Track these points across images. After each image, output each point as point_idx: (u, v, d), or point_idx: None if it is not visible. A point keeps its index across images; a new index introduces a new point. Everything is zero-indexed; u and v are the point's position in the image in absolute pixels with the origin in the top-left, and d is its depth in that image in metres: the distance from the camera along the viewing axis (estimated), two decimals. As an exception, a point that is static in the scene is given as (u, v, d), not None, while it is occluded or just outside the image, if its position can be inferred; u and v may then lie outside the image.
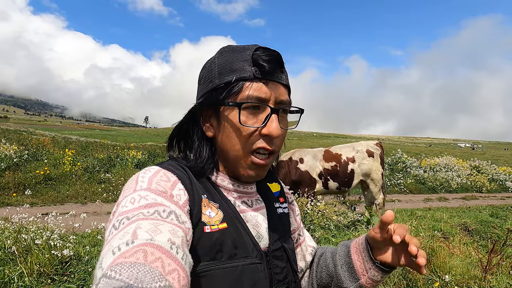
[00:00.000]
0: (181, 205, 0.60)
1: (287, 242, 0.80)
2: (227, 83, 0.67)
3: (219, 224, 0.65)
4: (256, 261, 0.67)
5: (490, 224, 5.93)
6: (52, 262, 3.14)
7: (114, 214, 0.56)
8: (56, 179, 8.33)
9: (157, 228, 0.50)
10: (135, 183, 0.61)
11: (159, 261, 0.45)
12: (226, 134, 0.70)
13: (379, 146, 6.10)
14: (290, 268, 0.77)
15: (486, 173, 14.15)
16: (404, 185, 11.05)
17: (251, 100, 0.66)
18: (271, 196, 0.84)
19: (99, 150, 12.48)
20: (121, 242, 0.47)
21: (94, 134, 49.52)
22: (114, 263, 0.43)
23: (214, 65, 0.70)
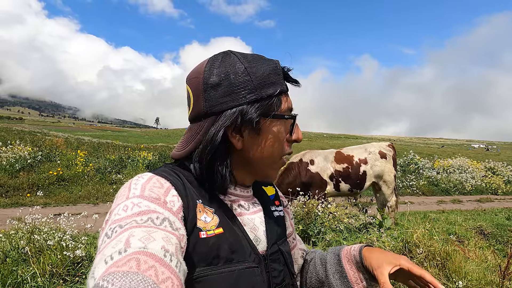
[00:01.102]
0: (175, 211, 0.59)
1: (283, 245, 0.80)
2: (270, 95, 0.68)
3: (215, 229, 0.64)
4: (253, 265, 0.67)
5: (507, 227, 5.77)
6: (64, 262, 3.16)
7: (107, 222, 0.55)
8: (68, 179, 8.45)
9: (150, 235, 0.50)
10: (128, 190, 0.60)
11: (153, 269, 0.44)
12: (267, 144, 0.70)
13: (392, 147, 6.01)
14: (288, 271, 0.77)
15: (502, 174, 13.82)
16: (416, 187, 10.87)
17: (288, 112, 0.72)
18: (267, 199, 0.85)
19: (111, 151, 12.63)
20: (114, 251, 0.46)
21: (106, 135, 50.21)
22: (107, 272, 0.43)
23: (248, 75, 0.67)
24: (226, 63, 0.68)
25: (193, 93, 0.70)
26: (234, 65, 0.67)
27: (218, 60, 0.69)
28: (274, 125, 0.70)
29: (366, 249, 0.82)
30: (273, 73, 0.68)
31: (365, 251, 0.81)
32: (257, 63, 0.68)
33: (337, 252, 0.86)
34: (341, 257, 0.84)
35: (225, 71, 0.67)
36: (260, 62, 0.69)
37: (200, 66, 0.71)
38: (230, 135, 0.68)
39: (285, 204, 0.94)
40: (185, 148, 0.72)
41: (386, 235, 4.25)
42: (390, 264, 0.74)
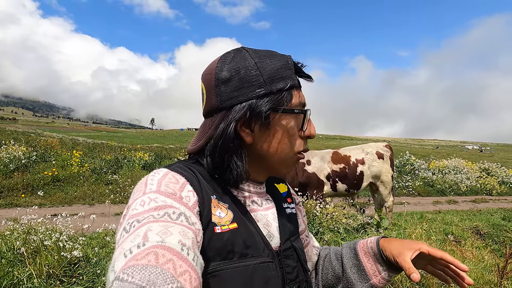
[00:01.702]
0: (191, 206, 0.60)
1: (296, 242, 0.80)
2: (280, 89, 0.67)
3: (229, 224, 0.65)
4: (268, 260, 0.67)
5: (503, 227, 5.82)
6: (61, 263, 3.13)
7: (125, 217, 0.57)
8: (64, 180, 8.37)
9: (167, 230, 0.51)
10: (145, 186, 0.62)
11: (171, 263, 0.46)
12: (278, 139, 0.70)
13: (389, 148, 6.03)
14: (301, 268, 0.77)
15: (496, 175, 13.94)
16: (412, 188, 10.92)
17: (300, 107, 0.71)
18: (279, 196, 0.85)
19: (106, 152, 12.55)
20: (133, 245, 0.47)
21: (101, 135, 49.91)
22: (126, 265, 0.44)
23: (258, 70, 0.67)
24: (237, 58, 0.69)
25: (206, 89, 0.72)
26: (244, 60, 0.68)
27: (230, 56, 0.70)
28: (284, 120, 0.69)
29: (383, 240, 0.82)
30: (284, 68, 0.68)
31: (383, 242, 0.81)
32: (267, 58, 0.69)
33: (353, 246, 0.87)
34: (358, 250, 0.84)
35: (235, 67, 0.68)
36: (271, 57, 0.69)
37: (213, 63, 0.72)
38: (240, 129, 0.68)
39: (297, 202, 0.94)
40: (198, 143, 0.73)
41: (384, 236, 4.27)
42: (410, 250, 0.73)
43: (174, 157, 12.00)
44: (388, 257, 0.77)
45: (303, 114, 0.71)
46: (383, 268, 0.79)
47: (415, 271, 0.68)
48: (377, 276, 0.79)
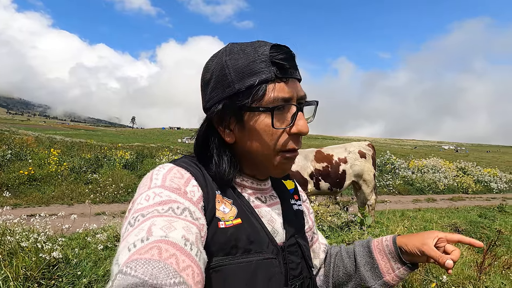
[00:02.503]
0: (195, 201, 0.61)
1: (301, 239, 0.79)
2: (249, 87, 0.64)
3: (233, 219, 0.65)
4: (271, 256, 0.67)
5: (479, 224, 6.02)
6: (39, 265, 3.01)
7: (130, 212, 0.57)
8: (41, 179, 8.09)
9: (171, 225, 0.51)
10: (150, 181, 0.62)
11: (174, 257, 0.46)
12: (255, 138, 0.68)
13: (371, 147, 6.12)
14: (305, 264, 0.77)
15: (472, 174, 14.44)
16: (393, 186, 11.16)
17: (278, 102, 0.65)
18: (286, 193, 0.85)
19: (86, 150, 12.21)
20: (137, 239, 0.48)
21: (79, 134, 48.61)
22: (130, 259, 0.44)
23: (228, 68, 0.65)
24: (217, 58, 0.68)
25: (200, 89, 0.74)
26: (220, 59, 0.68)
27: (214, 56, 0.70)
28: (257, 118, 0.66)
29: (400, 237, 0.82)
30: (257, 61, 0.64)
31: (401, 239, 0.81)
32: (240, 53, 0.66)
33: (366, 245, 0.87)
34: (372, 249, 0.84)
35: (213, 67, 0.68)
36: (244, 51, 0.66)
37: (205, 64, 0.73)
38: (218, 129, 0.70)
39: (304, 199, 0.93)
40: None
41: (368, 233, 4.32)
42: (430, 238, 0.75)
43: (157, 156, 11.79)
44: (411, 251, 0.77)
45: (271, 111, 0.64)
46: (397, 266, 0.80)
47: (448, 257, 0.69)
48: (391, 274, 0.80)
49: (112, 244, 3.97)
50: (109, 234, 4.15)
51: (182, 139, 61.95)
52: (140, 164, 10.38)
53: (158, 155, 12.14)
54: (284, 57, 0.65)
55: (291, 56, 0.67)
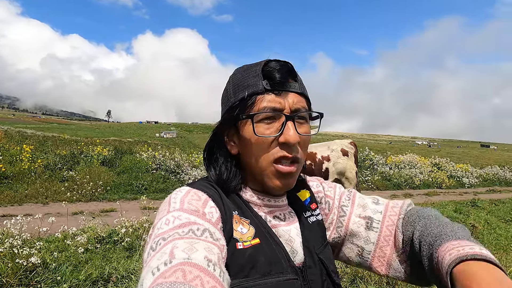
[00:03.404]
0: (214, 222, 0.61)
1: (323, 253, 0.75)
2: (241, 99, 0.68)
3: (251, 240, 0.65)
4: (292, 277, 0.65)
5: (455, 219, 6.26)
6: (15, 271, 2.87)
7: (151, 237, 0.57)
8: (12, 177, 7.72)
9: (193, 246, 0.51)
10: (168, 205, 0.62)
11: (198, 279, 0.45)
12: (247, 148, 0.70)
13: (353, 145, 6.22)
14: (330, 282, 0.73)
15: (445, 170, 15.01)
16: (371, 182, 11.43)
17: (265, 111, 0.67)
18: (301, 206, 0.81)
19: (60, 146, 11.75)
20: (160, 263, 0.48)
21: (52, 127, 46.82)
22: (155, 283, 0.44)
23: (229, 85, 0.73)
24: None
25: None
26: (229, 78, 0.75)
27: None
28: (247, 128, 0.69)
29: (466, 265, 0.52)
30: (250, 76, 0.69)
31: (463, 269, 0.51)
32: (240, 71, 0.73)
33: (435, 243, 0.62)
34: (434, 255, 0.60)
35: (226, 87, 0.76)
36: (243, 69, 0.72)
37: None
38: (226, 141, 0.74)
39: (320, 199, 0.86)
40: None
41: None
42: None
43: (136, 152, 11.47)
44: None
45: (250, 118, 0.67)
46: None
47: None
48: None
49: (93, 246, 3.83)
50: (89, 236, 4.01)
51: (160, 134, 60.89)
52: (118, 160, 10.08)
53: (137, 151, 11.81)
54: (277, 70, 0.68)
55: (286, 69, 0.69)
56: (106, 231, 4.22)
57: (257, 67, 0.69)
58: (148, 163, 9.83)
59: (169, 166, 9.82)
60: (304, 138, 0.70)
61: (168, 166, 9.82)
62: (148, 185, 8.56)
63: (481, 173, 16.00)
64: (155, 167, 9.75)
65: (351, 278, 3.45)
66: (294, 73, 0.70)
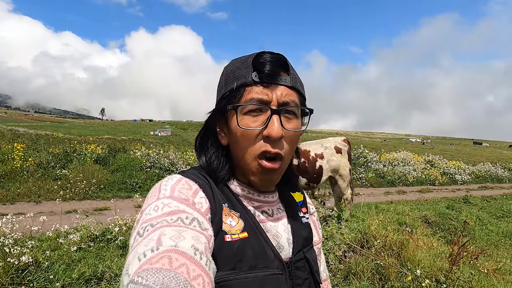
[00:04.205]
0: (203, 212, 0.61)
1: (309, 253, 0.78)
2: (230, 90, 0.68)
3: (240, 233, 0.65)
4: (278, 272, 0.66)
5: (447, 216, 6.32)
6: (7, 270, 2.84)
7: (138, 222, 0.57)
8: (4, 176, 7.62)
9: (180, 234, 0.51)
10: (158, 192, 0.62)
11: (184, 267, 0.46)
12: (234, 140, 0.70)
13: (347, 143, 6.23)
14: (313, 280, 0.76)
15: (438, 167, 15.15)
16: (365, 179, 11.49)
17: (251, 102, 0.66)
18: (294, 205, 0.83)
19: (53, 144, 11.64)
20: (147, 249, 0.48)
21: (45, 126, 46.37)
22: (141, 269, 0.44)
23: (222, 76, 0.74)
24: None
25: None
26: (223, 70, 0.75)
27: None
28: (233, 119, 0.69)
29: None
30: (241, 67, 0.69)
31: None
32: (233, 63, 0.72)
33: None
34: None
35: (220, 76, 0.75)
36: (235, 61, 0.72)
37: None
38: (218, 132, 0.75)
39: (311, 212, 0.92)
40: None
41: (345, 227, 4.41)
42: None
43: (130, 150, 11.41)
44: None
45: (234, 109, 0.67)
46: None
47: None
48: None
49: (86, 244, 3.81)
50: (82, 234, 3.98)
51: (155, 132, 60.57)
52: (112, 159, 10.01)
53: (131, 149, 11.74)
54: (266, 62, 0.67)
55: (278, 62, 0.68)
56: (99, 229, 4.19)
57: (249, 58, 0.68)
58: (142, 161, 9.78)
59: (163, 164, 9.78)
60: (291, 134, 0.69)
61: (162, 164, 9.78)
62: (142, 183, 8.51)
63: (473, 170, 16.19)
64: (149, 165, 9.71)
65: (344, 275, 3.48)
66: (286, 66, 0.69)
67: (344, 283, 3.37)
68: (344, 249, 3.86)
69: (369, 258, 3.57)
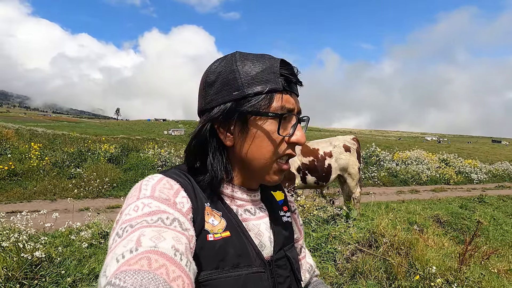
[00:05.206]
0: (184, 212, 0.60)
1: (290, 251, 0.80)
2: (258, 93, 0.67)
3: (222, 232, 0.65)
4: (260, 270, 0.67)
5: (460, 215, 6.20)
6: (21, 265, 2.94)
7: (118, 222, 0.57)
8: (22, 174, 7.87)
9: (160, 235, 0.51)
10: (138, 191, 0.61)
11: (164, 268, 0.45)
12: (256, 143, 0.69)
13: (356, 141, 6.18)
14: (294, 278, 0.77)
15: (453, 165, 14.83)
16: (377, 178, 11.35)
17: (284, 111, 0.68)
18: (275, 205, 0.85)
19: (69, 144, 11.93)
20: (125, 250, 0.47)
21: (62, 126, 47.49)
22: (119, 270, 0.43)
23: (238, 73, 0.68)
24: (225, 62, 0.70)
25: (198, 91, 0.75)
26: (229, 64, 0.69)
27: (221, 60, 0.72)
28: (262, 124, 0.68)
29: None
30: (266, 71, 0.68)
31: None
32: (250, 62, 0.69)
33: None
34: None
35: (220, 70, 0.69)
36: (255, 61, 0.69)
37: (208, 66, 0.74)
38: (218, 131, 0.70)
39: (293, 209, 0.94)
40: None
41: (353, 226, 4.39)
42: None
43: (142, 149, 11.60)
44: None
45: (279, 118, 0.68)
46: None
47: None
48: None
49: (97, 241, 3.91)
50: (94, 231, 4.08)
51: (168, 131, 61.27)
52: (125, 158, 10.21)
53: (143, 148, 11.94)
54: (291, 72, 0.70)
55: (296, 74, 0.71)
56: (110, 226, 4.29)
57: (273, 63, 0.68)
58: (154, 160, 9.93)
59: (174, 163, 9.91)
60: None
61: (173, 163, 9.91)
62: (153, 182, 8.66)
63: (490, 168, 15.78)
64: (160, 164, 9.85)
65: (351, 274, 3.46)
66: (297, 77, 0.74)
67: (350, 282, 3.35)
68: (352, 249, 3.84)
69: (377, 257, 3.54)
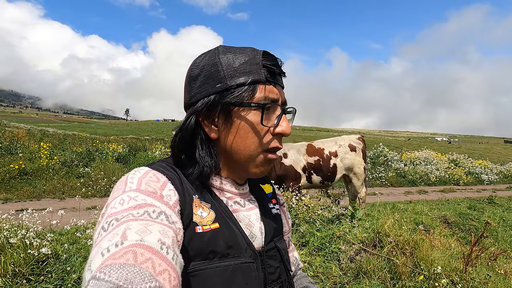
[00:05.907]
0: (172, 205, 0.60)
1: (280, 242, 0.81)
2: (240, 84, 0.67)
3: (211, 224, 0.65)
4: (249, 260, 0.68)
5: (468, 216, 6.10)
6: (28, 261, 3.00)
7: (103, 216, 0.56)
8: (32, 173, 8.00)
9: (146, 228, 0.50)
10: (124, 184, 0.61)
11: (150, 261, 0.45)
12: (240, 134, 0.69)
13: (361, 140, 6.14)
14: (284, 268, 0.78)
15: (463, 166, 14.61)
16: (385, 178, 11.25)
17: (267, 101, 0.68)
18: (264, 197, 0.85)
19: (78, 143, 12.10)
20: (110, 244, 0.46)
21: (72, 126, 48.20)
22: (103, 264, 0.43)
23: (221, 65, 0.68)
24: (208, 56, 0.71)
25: (184, 86, 0.75)
26: (212, 57, 0.70)
27: (204, 54, 0.72)
28: (246, 115, 0.68)
29: None
30: (249, 63, 0.68)
31: None
32: (233, 54, 0.69)
33: None
34: None
35: (204, 64, 0.70)
36: (237, 53, 0.69)
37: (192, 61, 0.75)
38: (203, 123, 0.71)
39: (281, 203, 0.95)
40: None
41: (358, 226, 4.36)
42: None
43: (149, 149, 11.71)
44: None
45: (262, 108, 0.67)
46: None
47: None
48: None
49: (103, 239, 3.96)
50: (100, 229, 4.14)
51: (177, 132, 61.73)
52: (133, 157, 10.32)
53: (151, 148, 12.05)
54: (274, 63, 0.70)
55: (280, 65, 0.72)
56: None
57: (255, 55, 0.69)
58: (161, 159, 10.05)
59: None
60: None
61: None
62: (160, 181, 8.75)
63: (501, 169, 15.50)
64: (167, 163, 9.95)
65: (355, 273, 3.44)
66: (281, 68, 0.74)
67: (354, 282, 3.34)
68: (356, 248, 3.82)
69: (381, 257, 3.52)
